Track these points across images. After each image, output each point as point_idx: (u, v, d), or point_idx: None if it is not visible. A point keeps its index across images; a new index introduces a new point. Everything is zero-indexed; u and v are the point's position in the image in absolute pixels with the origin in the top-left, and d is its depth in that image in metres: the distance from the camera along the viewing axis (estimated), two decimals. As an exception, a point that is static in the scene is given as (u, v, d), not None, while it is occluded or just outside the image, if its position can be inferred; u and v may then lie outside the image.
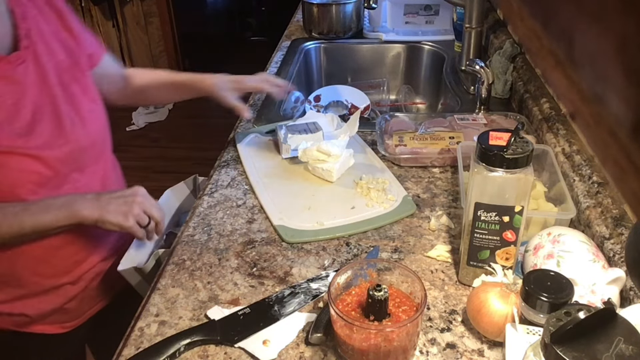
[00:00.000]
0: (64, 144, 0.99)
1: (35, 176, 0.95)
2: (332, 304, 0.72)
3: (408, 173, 1.18)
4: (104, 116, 1.12)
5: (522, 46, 1.44)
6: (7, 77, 0.93)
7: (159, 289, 0.91)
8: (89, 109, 1.06)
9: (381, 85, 1.84)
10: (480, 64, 1.32)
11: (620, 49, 0.16)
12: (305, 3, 1.89)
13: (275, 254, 0.97)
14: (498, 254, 0.83)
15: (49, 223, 0.93)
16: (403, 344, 0.72)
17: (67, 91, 1.03)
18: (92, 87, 1.10)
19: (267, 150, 1.26)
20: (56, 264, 1.05)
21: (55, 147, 0.98)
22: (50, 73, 1.00)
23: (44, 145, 0.96)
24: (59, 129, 0.99)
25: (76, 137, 1.02)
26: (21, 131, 0.94)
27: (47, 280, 1.05)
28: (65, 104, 1.01)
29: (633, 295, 0.78)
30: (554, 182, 1.01)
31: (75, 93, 1.04)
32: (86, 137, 1.04)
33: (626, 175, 0.20)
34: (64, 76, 1.03)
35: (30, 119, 0.95)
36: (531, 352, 0.61)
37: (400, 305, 0.76)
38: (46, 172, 0.97)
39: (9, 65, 0.94)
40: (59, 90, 1.01)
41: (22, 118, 0.94)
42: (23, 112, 0.95)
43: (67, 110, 1.01)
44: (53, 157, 0.97)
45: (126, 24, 3.74)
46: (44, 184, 0.97)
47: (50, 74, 1.00)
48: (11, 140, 0.92)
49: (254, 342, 0.80)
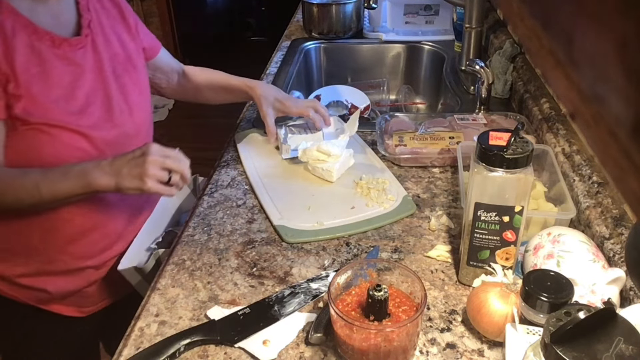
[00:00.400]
0: (111, 128, 1.04)
1: (80, 153, 0.99)
2: (332, 304, 0.72)
3: (408, 173, 1.18)
4: (149, 109, 1.18)
5: (522, 46, 1.44)
6: (68, 58, 1.00)
7: (159, 289, 0.91)
8: (137, 100, 1.12)
9: (381, 85, 1.84)
10: (480, 64, 1.32)
11: (620, 49, 0.16)
12: (305, 3, 1.89)
13: (275, 254, 0.97)
14: (498, 254, 0.83)
15: (66, 192, 0.94)
16: (403, 344, 0.72)
17: (119, 81, 1.08)
18: (142, 80, 1.16)
19: (267, 150, 1.26)
20: (85, 246, 1.08)
21: (103, 130, 1.03)
22: (106, 62, 1.06)
23: (94, 126, 1.01)
24: (109, 114, 1.05)
25: (123, 123, 1.07)
26: (74, 109, 0.99)
27: (73, 260, 1.08)
28: (116, 93, 1.07)
29: (633, 295, 0.78)
30: (554, 182, 1.01)
31: (126, 84, 1.10)
32: (132, 125, 1.09)
33: (626, 175, 0.20)
34: (117, 67, 1.09)
35: (84, 100, 1.01)
36: (531, 352, 0.61)
37: (400, 305, 0.76)
38: (92, 151, 1.01)
39: (70, 47, 1.00)
40: (111, 79, 1.07)
41: (77, 98, 1.00)
42: (78, 93, 1.01)
43: (117, 98, 1.07)
44: (100, 138, 1.02)
45: (126, 24, 3.74)
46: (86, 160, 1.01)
47: (106, 63, 1.06)
48: (65, 116, 0.97)
49: (253, 342, 0.80)
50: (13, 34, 0.93)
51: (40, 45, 0.96)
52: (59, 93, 0.98)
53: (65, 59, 1.00)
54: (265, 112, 1.23)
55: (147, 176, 0.91)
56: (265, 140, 1.29)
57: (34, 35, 0.95)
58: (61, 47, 0.99)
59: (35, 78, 0.95)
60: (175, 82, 1.33)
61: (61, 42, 0.99)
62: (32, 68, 0.95)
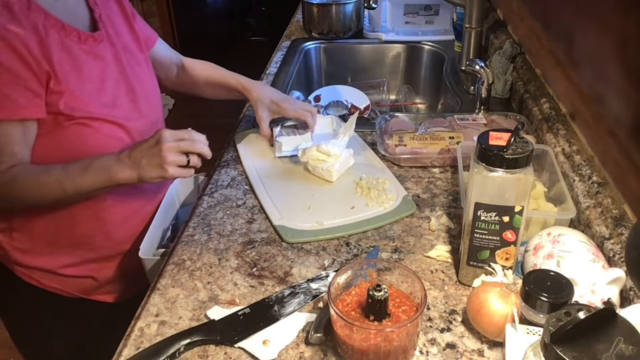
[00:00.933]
0: (139, 118, 1.09)
1: (120, 143, 1.03)
2: (332, 304, 0.72)
3: (408, 173, 1.18)
4: (160, 97, 1.21)
5: (522, 46, 1.44)
6: (94, 53, 1.03)
7: (159, 289, 0.91)
8: (152, 90, 1.16)
9: (381, 85, 1.84)
10: (480, 64, 1.32)
11: (620, 49, 0.16)
12: (305, 3, 1.88)
13: (275, 254, 0.97)
14: (498, 254, 0.83)
15: (88, 186, 0.96)
16: (403, 344, 0.72)
17: (134, 72, 1.11)
18: (151, 70, 1.19)
19: (267, 150, 1.26)
20: (127, 231, 1.13)
21: (134, 120, 1.07)
22: (121, 54, 1.09)
23: (126, 117, 1.05)
24: (135, 104, 1.08)
25: (148, 112, 1.11)
26: (108, 102, 1.03)
27: (117, 245, 1.13)
28: (136, 83, 1.10)
29: (633, 295, 0.78)
30: (554, 182, 1.00)
31: (140, 74, 1.13)
32: (154, 114, 1.14)
33: (626, 175, 0.20)
34: (130, 59, 1.11)
35: (113, 93, 1.05)
36: (531, 352, 0.61)
37: (400, 305, 0.76)
38: (129, 141, 1.05)
39: (95, 42, 1.03)
40: (129, 70, 1.10)
41: (107, 91, 1.04)
42: (107, 86, 1.04)
43: (138, 88, 1.10)
44: (134, 128, 1.06)
45: (126, 24, 3.74)
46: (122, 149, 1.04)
47: (121, 55, 1.09)
48: (102, 109, 1.01)
49: (253, 342, 0.80)
50: (46, 32, 0.94)
51: (69, 42, 0.98)
52: (92, 87, 1.01)
53: (92, 53, 1.02)
54: (260, 116, 1.25)
55: (167, 163, 0.93)
56: (266, 140, 1.29)
57: (63, 32, 0.98)
58: (87, 43, 1.02)
59: (70, 74, 0.97)
60: (174, 75, 1.34)
61: (87, 38, 1.02)
62: (66, 64, 0.97)
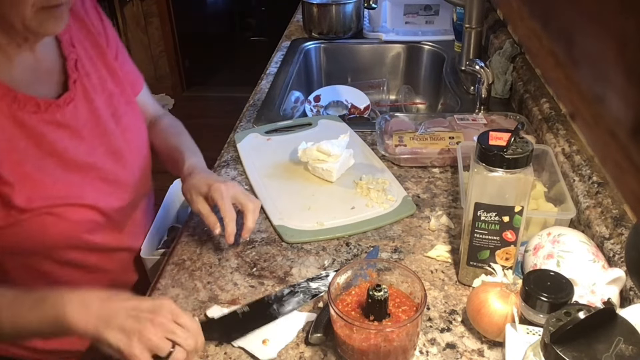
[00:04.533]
0: (117, 189, 0.95)
1: (91, 225, 0.91)
2: (332, 304, 0.72)
3: (408, 173, 1.18)
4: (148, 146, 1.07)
5: (522, 46, 1.44)
6: (57, 121, 0.87)
7: (159, 289, 0.91)
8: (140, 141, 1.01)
9: (381, 85, 1.84)
10: (480, 64, 1.32)
11: (620, 49, 0.16)
12: (305, 3, 1.88)
13: (275, 254, 0.97)
14: (498, 254, 0.83)
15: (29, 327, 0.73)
16: (403, 344, 0.72)
17: (121, 126, 0.96)
18: (139, 115, 1.04)
19: (267, 150, 1.26)
20: None
21: (110, 194, 0.93)
22: (102, 108, 0.93)
23: (99, 192, 0.91)
24: (114, 173, 0.94)
25: (130, 178, 0.97)
26: (76, 180, 0.88)
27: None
28: (120, 141, 0.95)
29: (633, 295, 0.78)
30: (554, 182, 1.00)
31: (128, 127, 0.98)
32: (140, 176, 1.00)
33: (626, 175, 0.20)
34: (117, 108, 0.96)
35: (85, 165, 0.90)
36: (531, 352, 0.61)
37: (400, 305, 0.76)
38: (100, 220, 0.92)
39: (59, 108, 0.87)
40: (112, 126, 0.94)
41: (76, 164, 0.89)
42: (77, 158, 0.89)
43: (122, 148, 0.96)
44: (108, 206, 0.93)
45: (126, 24, 3.74)
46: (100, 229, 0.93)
47: (102, 109, 0.93)
48: (66, 190, 0.86)
49: (253, 341, 0.80)
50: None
51: (22, 114, 0.83)
52: (55, 164, 0.86)
53: (54, 122, 0.86)
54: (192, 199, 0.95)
55: (141, 340, 0.67)
56: (265, 140, 1.30)
57: (15, 104, 0.82)
58: (48, 111, 0.86)
59: (25, 154, 0.82)
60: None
61: (47, 106, 0.86)
62: (20, 142, 0.82)
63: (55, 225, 0.86)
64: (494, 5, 1.75)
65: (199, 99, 3.87)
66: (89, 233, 0.91)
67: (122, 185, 0.96)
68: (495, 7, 1.75)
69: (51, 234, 0.86)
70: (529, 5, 0.26)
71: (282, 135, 1.32)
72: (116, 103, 0.97)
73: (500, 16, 1.70)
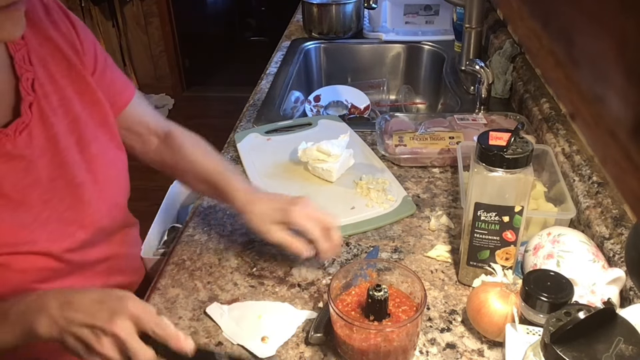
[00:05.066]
0: (78, 229, 0.83)
1: (42, 274, 0.79)
2: (332, 304, 0.72)
3: (408, 173, 1.18)
4: (126, 181, 0.93)
5: (522, 46, 1.44)
6: (7, 153, 0.75)
7: (159, 289, 0.91)
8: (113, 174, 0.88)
9: (381, 85, 1.84)
10: (480, 64, 1.32)
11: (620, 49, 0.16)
12: (305, 3, 1.88)
13: (275, 254, 0.97)
14: (498, 254, 0.83)
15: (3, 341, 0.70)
16: (403, 344, 0.72)
17: (86, 155, 0.84)
18: (117, 140, 0.90)
19: (267, 150, 1.26)
20: None
21: (68, 236, 0.81)
22: (63, 133, 0.81)
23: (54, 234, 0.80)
24: (75, 210, 0.82)
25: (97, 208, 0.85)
26: (27, 220, 0.77)
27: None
28: (83, 173, 0.83)
29: (633, 295, 0.78)
30: (554, 182, 1.00)
31: (95, 156, 0.85)
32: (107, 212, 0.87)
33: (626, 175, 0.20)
34: (83, 134, 0.83)
35: (39, 202, 0.78)
36: (531, 352, 0.61)
37: (400, 305, 0.76)
38: (55, 266, 0.80)
39: (7, 138, 0.75)
40: (74, 153, 0.82)
41: (27, 202, 0.77)
42: (29, 194, 0.77)
43: (85, 181, 0.83)
44: (65, 249, 0.81)
45: (126, 24, 3.74)
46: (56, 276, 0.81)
47: (63, 134, 0.81)
48: (16, 236, 0.75)
49: (252, 339, 0.80)
50: None
51: None
52: (1, 205, 0.74)
53: (3, 155, 0.74)
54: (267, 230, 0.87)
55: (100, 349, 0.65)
56: (265, 140, 1.30)
57: None
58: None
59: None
60: (153, 147, 1.00)
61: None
62: None
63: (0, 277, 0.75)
64: (494, 5, 1.75)
65: (199, 99, 3.87)
66: (41, 282, 0.79)
67: (83, 225, 0.83)
68: (495, 7, 1.75)
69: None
70: (529, 5, 0.26)
71: (282, 135, 1.32)
72: (82, 127, 0.83)
73: (500, 16, 1.70)
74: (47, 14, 0.83)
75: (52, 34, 0.83)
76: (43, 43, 0.81)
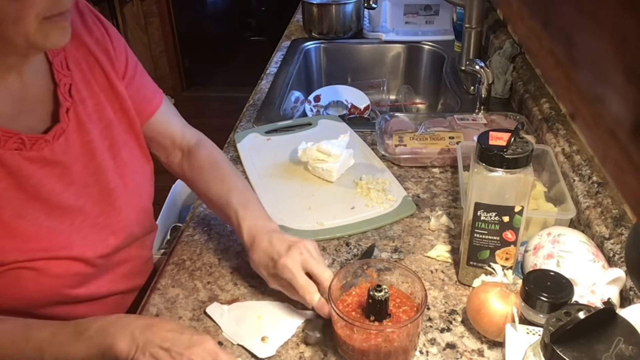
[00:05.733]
0: (109, 235, 0.84)
1: (76, 279, 0.80)
2: (332, 305, 0.72)
3: (408, 173, 1.18)
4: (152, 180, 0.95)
5: (522, 46, 1.44)
6: (44, 158, 0.76)
7: (159, 289, 0.91)
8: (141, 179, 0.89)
9: (381, 85, 1.84)
10: (480, 64, 1.32)
11: (620, 49, 0.16)
12: (305, 3, 1.88)
13: (275, 254, 0.97)
14: (498, 254, 0.83)
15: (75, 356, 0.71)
16: (403, 345, 0.72)
17: (117, 160, 0.85)
18: (143, 144, 0.92)
19: (267, 150, 1.26)
20: None
21: (100, 242, 0.83)
22: (97, 141, 0.82)
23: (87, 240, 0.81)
24: (106, 216, 0.84)
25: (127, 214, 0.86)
26: (63, 227, 0.78)
27: None
28: (115, 178, 0.85)
29: (633, 295, 0.78)
30: (554, 182, 1.00)
31: (127, 159, 0.87)
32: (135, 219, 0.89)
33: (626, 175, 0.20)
34: (115, 141, 0.85)
35: (74, 207, 0.79)
36: (531, 352, 0.61)
37: (401, 306, 0.76)
38: (88, 271, 0.82)
39: (46, 144, 0.76)
40: (108, 162, 0.83)
41: (62, 207, 0.78)
42: (64, 200, 0.78)
43: (118, 183, 0.85)
44: (97, 255, 0.82)
45: (126, 24, 3.74)
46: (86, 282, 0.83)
47: (97, 140, 0.82)
48: (51, 241, 0.76)
49: (252, 339, 0.80)
50: None
51: (3, 152, 0.72)
52: (38, 210, 0.75)
53: (40, 160, 0.75)
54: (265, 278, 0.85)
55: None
56: (265, 140, 1.30)
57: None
58: (34, 147, 0.75)
59: (4, 197, 0.72)
60: (177, 161, 1.00)
61: (33, 142, 0.75)
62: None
63: (34, 281, 0.76)
64: (494, 5, 1.75)
65: (199, 99, 3.87)
66: (73, 287, 0.81)
67: (115, 231, 0.85)
68: (495, 7, 1.75)
69: (29, 290, 0.76)
70: (529, 5, 0.26)
71: (282, 135, 1.32)
72: (115, 133, 0.85)
73: (500, 16, 1.70)
74: (82, 19, 0.84)
75: (87, 39, 0.84)
76: (79, 48, 0.83)
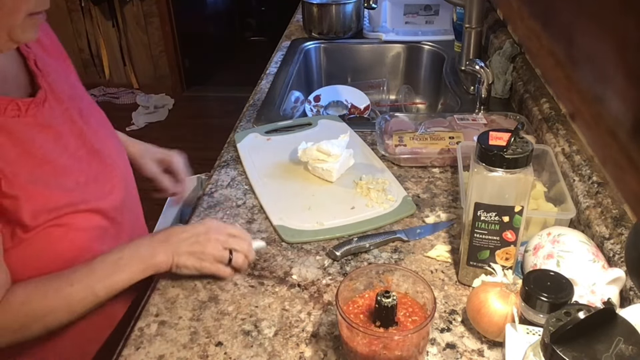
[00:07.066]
0: (112, 189, 0.91)
1: (97, 232, 0.86)
2: (337, 305, 0.71)
3: (408, 173, 1.18)
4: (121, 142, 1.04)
5: (522, 46, 1.44)
6: (39, 123, 0.81)
7: (159, 289, 0.91)
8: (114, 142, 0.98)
9: (381, 85, 1.84)
10: (480, 64, 1.32)
11: (620, 49, 0.16)
12: (305, 3, 1.88)
13: (275, 254, 0.97)
14: (498, 254, 0.83)
15: (125, 282, 0.82)
16: (405, 355, 0.70)
17: (90, 127, 0.91)
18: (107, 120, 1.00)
19: (267, 150, 1.26)
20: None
21: (106, 193, 0.89)
22: (72, 109, 0.88)
23: (97, 193, 0.87)
24: (103, 173, 0.90)
25: (117, 172, 0.93)
26: (72, 184, 0.83)
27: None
28: (96, 141, 0.91)
29: (633, 295, 0.78)
30: (553, 182, 1.01)
31: (97, 129, 0.93)
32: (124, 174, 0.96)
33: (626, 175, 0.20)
34: (83, 110, 0.91)
35: (75, 167, 0.85)
36: (531, 352, 0.61)
37: (412, 315, 0.73)
38: (106, 224, 0.88)
39: (37, 108, 0.81)
40: (82, 124, 0.89)
41: (67, 168, 0.83)
42: (65, 161, 0.83)
43: (99, 144, 0.91)
44: (110, 206, 0.89)
45: (126, 24, 3.74)
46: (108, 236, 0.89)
47: (72, 110, 0.88)
48: (66, 197, 0.81)
49: None
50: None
51: (5, 120, 0.76)
52: (48, 171, 0.80)
53: (37, 125, 0.80)
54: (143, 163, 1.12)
55: (206, 256, 0.85)
56: (265, 140, 1.30)
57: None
58: (29, 113, 0.80)
59: (18, 164, 0.76)
60: None
61: (27, 106, 0.80)
62: (10, 151, 0.76)
63: (64, 238, 0.81)
64: (494, 5, 1.75)
65: (199, 99, 3.87)
66: (98, 241, 0.86)
67: (115, 184, 0.92)
68: (495, 7, 1.75)
69: (61, 247, 0.81)
70: (529, 5, 0.26)
71: (282, 135, 1.32)
72: (79, 103, 0.91)
73: (500, 16, 1.70)
74: None
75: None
76: None
